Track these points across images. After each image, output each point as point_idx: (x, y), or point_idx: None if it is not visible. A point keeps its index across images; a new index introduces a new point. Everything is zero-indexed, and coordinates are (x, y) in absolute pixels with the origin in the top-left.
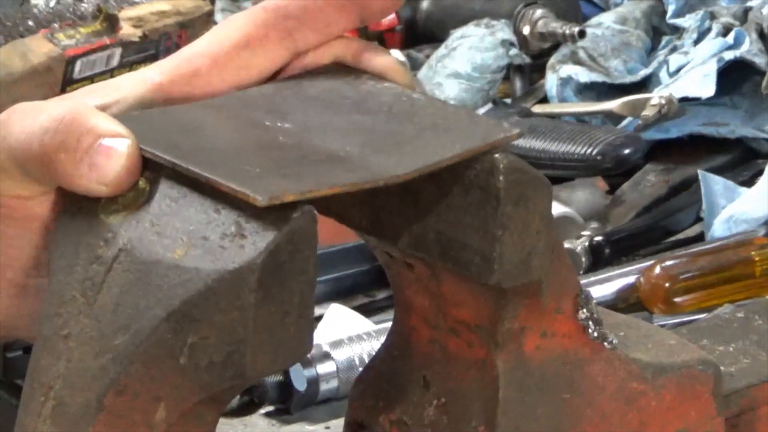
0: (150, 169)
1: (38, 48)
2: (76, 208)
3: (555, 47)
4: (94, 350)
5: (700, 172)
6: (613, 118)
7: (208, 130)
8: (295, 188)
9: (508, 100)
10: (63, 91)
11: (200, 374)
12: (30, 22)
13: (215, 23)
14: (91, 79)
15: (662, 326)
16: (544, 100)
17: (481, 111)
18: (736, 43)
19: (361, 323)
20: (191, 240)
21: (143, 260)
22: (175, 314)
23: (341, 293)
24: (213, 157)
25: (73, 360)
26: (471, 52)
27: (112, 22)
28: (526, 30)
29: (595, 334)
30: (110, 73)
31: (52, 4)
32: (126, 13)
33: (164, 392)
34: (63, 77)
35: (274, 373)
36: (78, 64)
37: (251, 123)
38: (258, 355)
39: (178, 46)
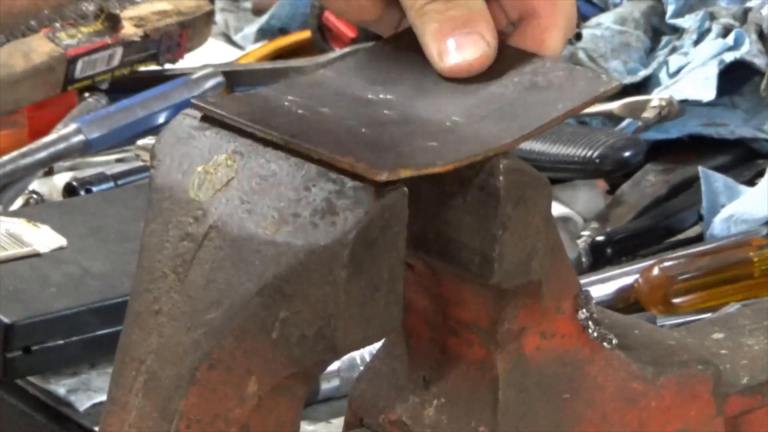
0: (238, 149)
1: (40, 47)
2: (166, 187)
3: None
4: (186, 325)
5: (701, 169)
6: (613, 119)
7: (310, 109)
8: (411, 164)
9: None
10: (64, 90)
11: (291, 348)
12: (32, 22)
13: (215, 23)
14: (92, 79)
15: (662, 327)
16: None
17: None
18: (736, 44)
19: None
20: (282, 217)
21: (234, 237)
22: (268, 289)
23: None
24: (319, 136)
25: (165, 335)
26: None
27: (113, 22)
28: None
29: (595, 334)
30: (111, 72)
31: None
32: (127, 13)
33: (256, 366)
34: (64, 77)
35: (364, 347)
36: (79, 64)
37: (353, 98)
38: (349, 329)
39: (179, 46)
